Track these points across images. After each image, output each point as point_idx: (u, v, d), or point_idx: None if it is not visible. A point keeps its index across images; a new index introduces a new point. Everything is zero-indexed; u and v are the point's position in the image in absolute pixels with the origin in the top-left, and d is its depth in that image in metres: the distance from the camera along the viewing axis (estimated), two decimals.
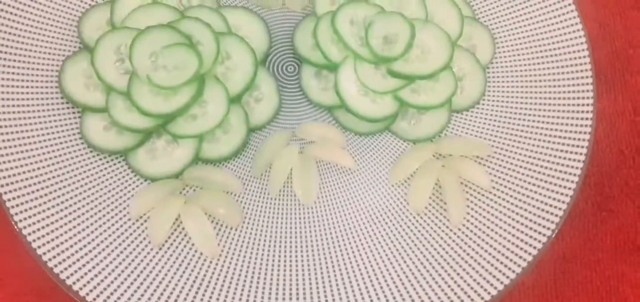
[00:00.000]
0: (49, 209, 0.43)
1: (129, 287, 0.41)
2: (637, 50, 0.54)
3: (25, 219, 0.42)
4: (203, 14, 0.49)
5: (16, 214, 0.42)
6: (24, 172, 0.44)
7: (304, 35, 0.51)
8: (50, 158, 0.45)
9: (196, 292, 0.41)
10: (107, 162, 0.46)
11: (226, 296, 0.42)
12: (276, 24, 0.52)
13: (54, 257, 0.41)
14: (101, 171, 0.45)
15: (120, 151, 0.46)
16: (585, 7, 0.52)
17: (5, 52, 0.47)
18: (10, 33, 0.48)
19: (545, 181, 0.45)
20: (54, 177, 0.44)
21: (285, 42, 0.52)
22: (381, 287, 0.42)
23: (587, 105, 0.48)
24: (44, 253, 0.41)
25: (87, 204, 0.44)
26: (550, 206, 0.44)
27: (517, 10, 0.52)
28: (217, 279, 0.42)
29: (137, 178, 0.46)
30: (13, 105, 0.46)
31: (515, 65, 0.50)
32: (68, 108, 0.47)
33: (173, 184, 0.45)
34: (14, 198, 0.42)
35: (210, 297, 0.41)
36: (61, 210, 0.43)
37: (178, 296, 0.41)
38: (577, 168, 0.45)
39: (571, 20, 0.50)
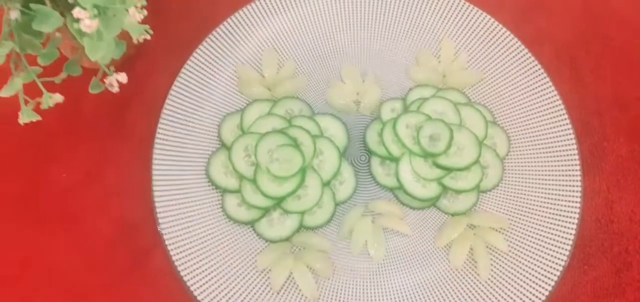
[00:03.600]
0: (201, 260, 0.46)
1: None
2: (609, 143, 0.54)
3: (183, 264, 0.45)
4: (303, 121, 0.50)
5: (177, 261, 0.45)
6: (183, 234, 0.46)
7: (372, 134, 0.51)
8: (203, 226, 0.47)
9: None
10: (240, 228, 0.48)
11: None
12: (352, 124, 0.52)
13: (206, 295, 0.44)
14: (236, 235, 0.48)
15: (249, 221, 0.48)
16: (572, 110, 0.52)
17: (175, 151, 0.49)
18: (177, 138, 0.50)
19: (548, 245, 0.47)
20: (204, 239, 0.46)
21: (359, 138, 0.52)
22: None
23: (576, 187, 0.49)
24: (198, 292, 0.44)
25: (227, 258, 0.46)
26: (552, 263, 0.46)
27: (525, 116, 0.52)
28: None
29: (260, 240, 0.48)
30: (177, 188, 0.48)
31: (523, 158, 0.51)
32: (213, 190, 0.49)
33: (285, 245, 0.47)
34: (177, 249, 0.45)
35: None
36: (210, 262, 0.46)
37: None
38: (570, 235, 0.47)
39: (564, 124, 0.51)
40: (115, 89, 0.42)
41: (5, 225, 0.48)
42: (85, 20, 0.34)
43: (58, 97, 0.41)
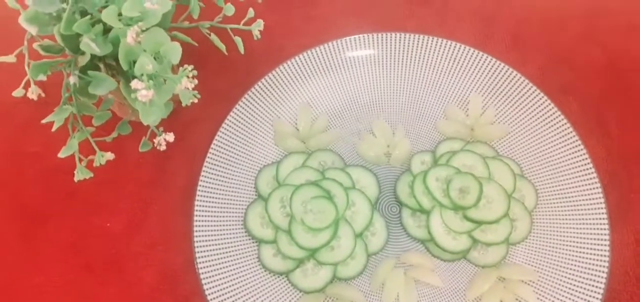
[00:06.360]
0: None
1: None
2: (637, 195, 0.53)
3: None
4: (336, 173, 0.51)
5: None
6: (222, 282, 0.47)
7: (403, 186, 0.52)
8: (240, 276, 0.48)
9: None
10: (276, 278, 0.49)
11: None
12: (383, 176, 0.53)
13: None
14: (272, 285, 0.48)
15: (284, 272, 0.48)
16: (599, 162, 0.53)
17: (215, 202, 0.50)
18: (217, 189, 0.51)
19: (577, 297, 0.46)
20: (241, 288, 0.47)
21: (390, 189, 0.53)
22: None
23: (605, 240, 0.48)
24: None
25: None
26: None
27: (552, 169, 0.52)
28: None
29: (295, 290, 0.48)
30: (217, 238, 0.49)
31: (551, 210, 0.51)
32: (250, 240, 0.50)
33: (319, 296, 0.48)
34: (216, 297, 0.46)
35: None
36: None
37: None
38: (599, 288, 0.46)
39: (591, 176, 0.51)
40: (163, 147, 0.44)
41: (56, 270, 0.50)
42: (142, 90, 0.36)
43: (109, 155, 0.43)
